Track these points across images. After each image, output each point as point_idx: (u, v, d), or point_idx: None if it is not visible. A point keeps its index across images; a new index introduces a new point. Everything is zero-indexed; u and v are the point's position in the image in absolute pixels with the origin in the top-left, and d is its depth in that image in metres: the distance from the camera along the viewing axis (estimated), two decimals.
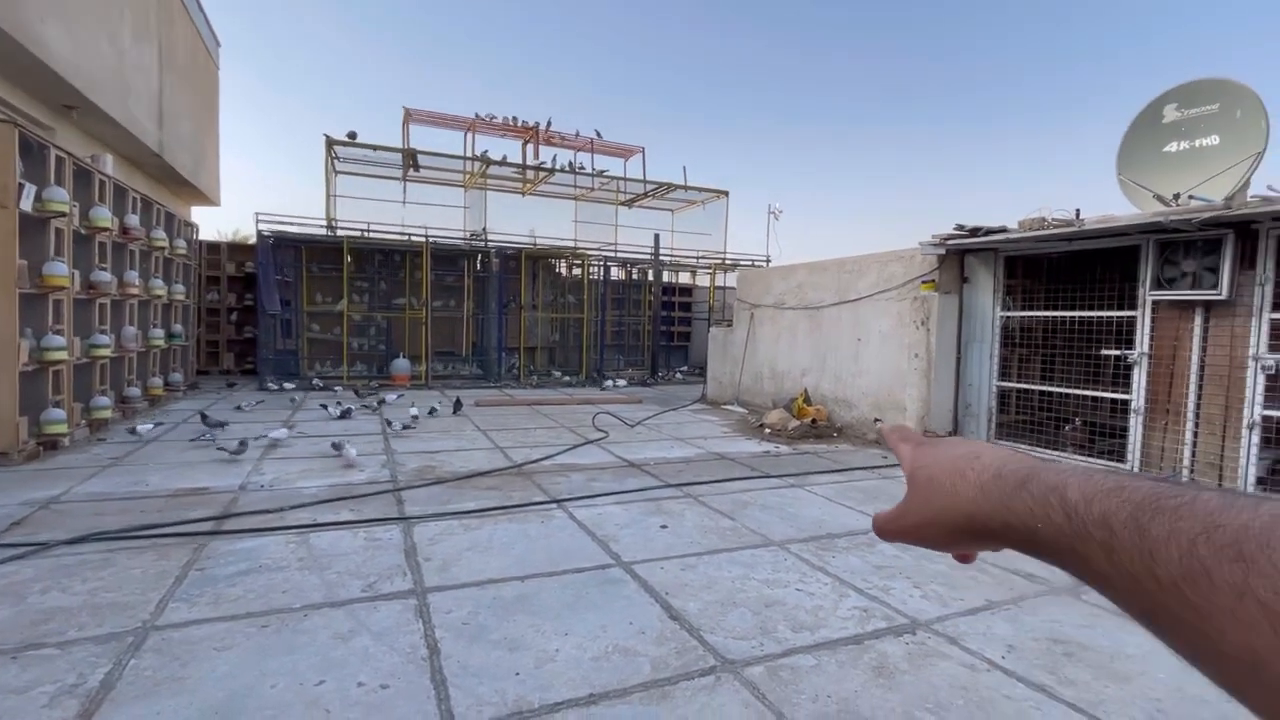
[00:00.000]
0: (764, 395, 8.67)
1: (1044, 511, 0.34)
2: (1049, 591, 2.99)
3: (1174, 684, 2.24)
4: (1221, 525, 0.27)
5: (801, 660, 2.32)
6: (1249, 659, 0.25)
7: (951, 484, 0.41)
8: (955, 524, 0.40)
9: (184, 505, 3.90)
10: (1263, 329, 4.39)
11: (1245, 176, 4.76)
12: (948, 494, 0.41)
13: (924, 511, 0.42)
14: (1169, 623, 0.28)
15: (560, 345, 14.21)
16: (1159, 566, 0.28)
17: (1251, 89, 4.83)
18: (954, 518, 0.40)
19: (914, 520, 0.43)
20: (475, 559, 3.16)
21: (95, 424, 6.03)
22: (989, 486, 0.38)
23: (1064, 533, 0.33)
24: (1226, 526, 0.27)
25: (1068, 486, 0.34)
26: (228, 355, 12.04)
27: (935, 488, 0.42)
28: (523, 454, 5.62)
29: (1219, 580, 0.26)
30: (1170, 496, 0.29)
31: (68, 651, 2.22)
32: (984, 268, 6.26)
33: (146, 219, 7.61)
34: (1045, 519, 0.34)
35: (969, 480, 0.40)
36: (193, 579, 2.84)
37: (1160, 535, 0.28)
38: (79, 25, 6.69)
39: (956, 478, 0.41)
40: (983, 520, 0.38)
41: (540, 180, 14.08)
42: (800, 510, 4.19)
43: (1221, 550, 0.26)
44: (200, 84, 11.58)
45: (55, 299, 5.39)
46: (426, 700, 2.01)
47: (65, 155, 5.58)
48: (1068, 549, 0.33)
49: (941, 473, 0.42)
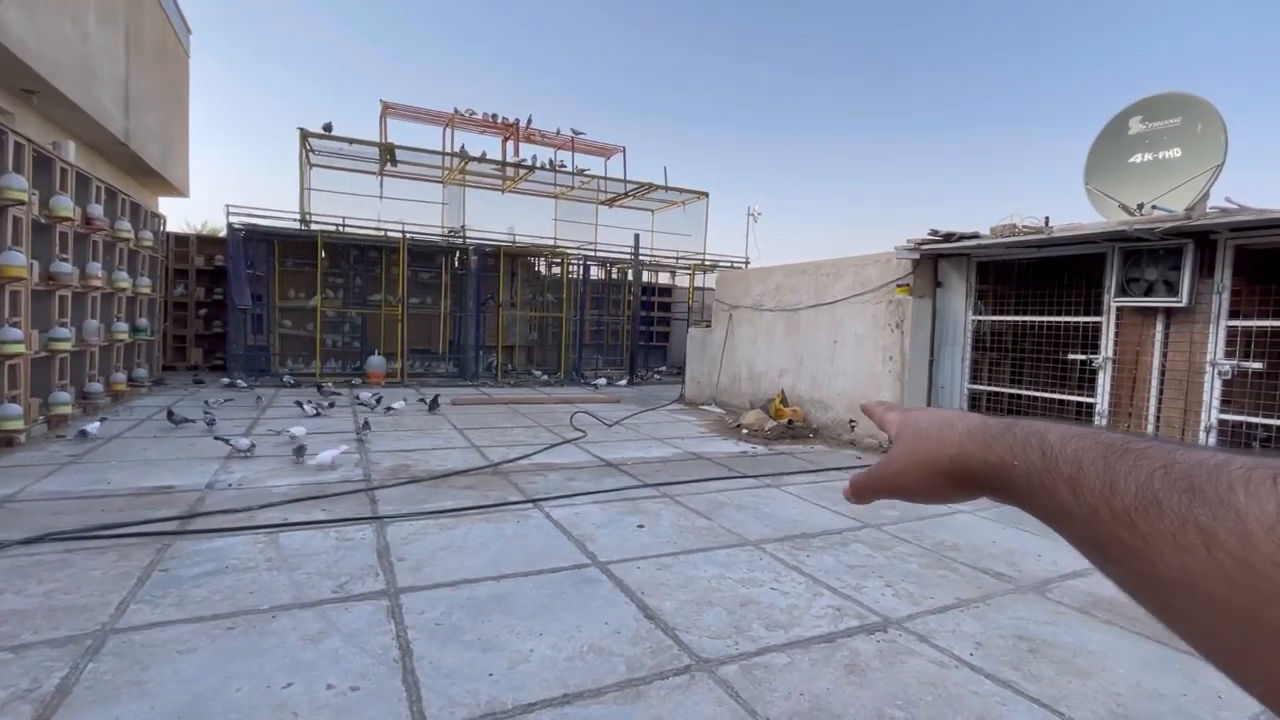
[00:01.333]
0: (741, 396, 8.73)
1: (1023, 451, 0.37)
2: (1015, 590, 3.06)
3: (1133, 679, 2.31)
4: (1179, 462, 0.29)
5: (775, 659, 2.34)
6: (1183, 579, 0.26)
7: (939, 433, 0.45)
8: (936, 467, 0.44)
9: (147, 504, 3.79)
10: (1220, 335, 4.55)
11: (1205, 188, 4.93)
12: (935, 441, 0.45)
13: (907, 459, 0.46)
14: (1116, 552, 0.30)
15: (539, 344, 14.14)
16: (1116, 498, 0.30)
17: (1212, 104, 5.00)
18: (937, 461, 0.44)
19: (897, 467, 0.47)
20: (450, 559, 3.13)
21: (54, 420, 5.83)
22: (975, 431, 0.42)
23: (1036, 469, 0.35)
24: (1183, 463, 0.28)
25: (1049, 430, 0.37)
26: (196, 350, 11.74)
27: (922, 438, 0.46)
28: (499, 453, 5.57)
29: (1167, 508, 0.27)
30: (1139, 441, 0.32)
31: (21, 655, 2.14)
32: (957, 272, 6.38)
33: (111, 209, 7.38)
34: (1023, 458, 0.37)
35: (956, 429, 0.44)
36: (156, 580, 2.76)
37: (1123, 470, 0.30)
38: (40, 6, 6.45)
39: (945, 428, 0.45)
40: (964, 462, 0.42)
41: (520, 178, 13.99)
42: (776, 510, 4.23)
43: (1174, 482, 0.28)
44: (170, 71, 11.25)
45: (12, 290, 5.20)
46: (398, 702, 1.98)
47: (24, 141, 5.38)
48: (1038, 484, 0.35)
49: (929, 425, 0.46)
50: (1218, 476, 0.26)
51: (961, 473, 0.42)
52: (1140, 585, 0.29)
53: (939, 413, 0.47)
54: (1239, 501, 0.25)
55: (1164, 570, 0.27)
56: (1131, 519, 0.29)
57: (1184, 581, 0.26)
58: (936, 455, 0.44)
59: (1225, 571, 0.25)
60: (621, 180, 14.44)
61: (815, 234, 55.89)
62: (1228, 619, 0.25)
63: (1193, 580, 0.26)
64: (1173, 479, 0.28)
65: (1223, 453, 0.28)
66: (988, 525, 4.09)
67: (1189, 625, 0.27)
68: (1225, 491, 0.26)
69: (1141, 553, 0.28)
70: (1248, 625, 0.24)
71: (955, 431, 0.43)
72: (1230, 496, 0.25)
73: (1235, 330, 4.52)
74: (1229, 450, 0.28)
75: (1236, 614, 0.24)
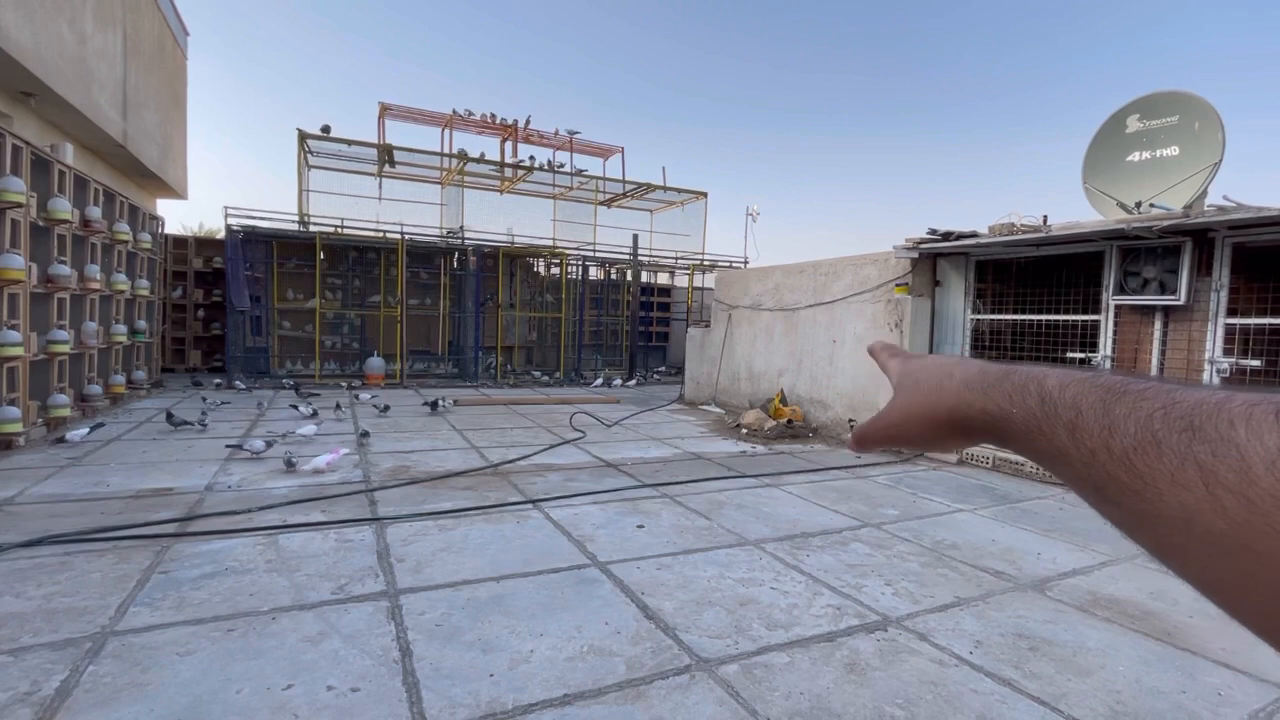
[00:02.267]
0: (741, 396, 8.74)
1: (1021, 397, 0.37)
2: (1015, 588, 3.07)
3: (1132, 676, 2.31)
4: (1179, 402, 0.28)
5: (775, 658, 2.34)
6: (1181, 516, 0.26)
7: (938, 382, 0.44)
8: (936, 417, 0.44)
9: (147, 507, 3.78)
10: (1218, 333, 4.56)
11: (1203, 186, 4.94)
12: (934, 390, 0.44)
13: (908, 407, 0.46)
14: (1114, 492, 0.30)
15: (538, 345, 14.13)
16: (1115, 439, 0.30)
17: (1209, 102, 5.01)
18: (936, 412, 0.44)
19: (897, 416, 0.47)
20: (449, 560, 3.13)
21: (53, 423, 5.83)
22: (973, 380, 0.42)
23: (1035, 416, 0.35)
24: (1183, 403, 0.28)
25: (1047, 376, 0.37)
26: (194, 352, 11.73)
27: (921, 387, 0.46)
28: (499, 454, 5.57)
29: (1166, 448, 0.27)
30: (1138, 382, 0.31)
31: (21, 658, 2.14)
32: (956, 271, 6.39)
33: (109, 211, 7.37)
34: (1021, 404, 0.37)
35: (955, 378, 0.43)
36: (155, 582, 2.75)
37: (1122, 413, 0.30)
38: (38, 8, 6.45)
39: (943, 376, 0.44)
40: (963, 411, 0.42)
41: (519, 178, 13.99)
42: (775, 510, 4.23)
43: (1174, 422, 0.28)
44: (167, 73, 11.24)
45: (10, 292, 5.20)
46: (398, 703, 1.98)
47: (22, 144, 5.38)
48: (1036, 430, 0.35)
49: (928, 374, 0.46)
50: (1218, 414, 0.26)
51: (961, 423, 0.42)
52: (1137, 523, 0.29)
53: (938, 360, 0.47)
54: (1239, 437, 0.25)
55: (1162, 508, 0.27)
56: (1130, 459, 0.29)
57: (1181, 518, 0.26)
58: (935, 405, 0.44)
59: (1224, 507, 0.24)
60: (620, 180, 14.44)
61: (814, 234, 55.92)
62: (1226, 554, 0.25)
63: (1190, 516, 0.26)
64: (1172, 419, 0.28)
65: (1223, 390, 0.28)
66: (987, 524, 4.09)
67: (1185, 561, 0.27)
68: (1225, 428, 0.25)
69: (1139, 492, 0.28)
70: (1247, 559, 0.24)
71: (953, 380, 0.43)
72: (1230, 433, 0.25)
73: (1233, 328, 4.53)
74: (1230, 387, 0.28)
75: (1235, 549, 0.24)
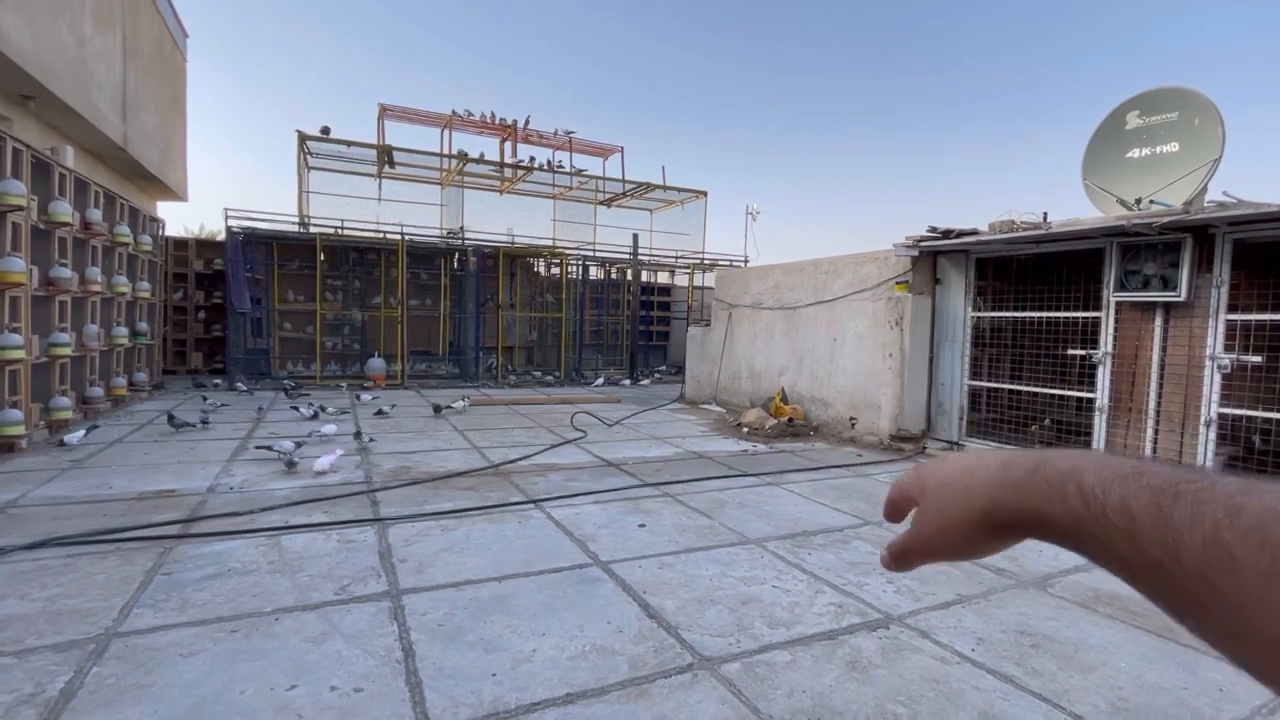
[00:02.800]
0: (742, 394, 8.74)
1: (1060, 497, 0.34)
2: (1017, 585, 3.07)
3: (1134, 673, 2.31)
4: (1244, 508, 0.26)
5: (777, 656, 2.34)
6: (1278, 639, 0.25)
7: (963, 483, 0.41)
8: (971, 521, 0.41)
9: (149, 508, 3.79)
10: (1219, 329, 4.56)
11: (1203, 182, 4.93)
12: (961, 493, 0.41)
13: (940, 517, 0.43)
14: (1196, 611, 0.28)
15: (539, 345, 14.14)
16: (1184, 553, 0.27)
17: (1208, 98, 5.00)
18: (970, 514, 0.40)
19: (934, 526, 0.43)
20: (451, 560, 3.13)
21: (55, 425, 5.84)
22: (1000, 477, 0.39)
23: (1082, 519, 0.33)
24: (1249, 509, 0.26)
25: (1084, 471, 0.33)
26: (196, 354, 11.74)
27: (947, 491, 0.42)
28: (500, 454, 5.58)
29: (1246, 565, 0.25)
30: (1189, 481, 0.29)
31: (25, 660, 2.14)
32: (956, 269, 6.38)
33: (110, 214, 7.38)
34: (1063, 506, 0.34)
35: (979, 476, 0.40)
36: (158, 584, 2.76)
37: (1183, 520, 0.28)
38: (37, 11, 6.45)
39: (967, 477, 0.41)
40: (998, 512, 0.39)
41: (518, 178, 13.99)
42: (777, 508, 4.23)
43: (1246, 535, 0.26)
44: (167, 75, 11.25)
45: (11, 296, 5.20)
46: (401, 703, 1.98)
47: (22, 147, 5.38)
48: (1088, 536, 0.32)
49: (951, 477, 0.43)
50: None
51: (999, 523, 0.39)
52: (1227, 643, 0.27)
53: (956, 462, 0.43)
54: None
55: (1253, 633, 0.25)
56: (1205, 575, 0.26)
57: (1278, 642, 0.24)
58: (968, 508, 0.41)
59: None
60: (620, 180, 14.44)
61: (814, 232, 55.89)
62: None
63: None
64: (1242, 531, 0.25)
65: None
66: None
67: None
68: None
69: (1224, 612, 0.26)
70: None
71: (979, 481, 0.40)
72: None
73: (1234, 324, 4.52)
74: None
75: None
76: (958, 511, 0.41)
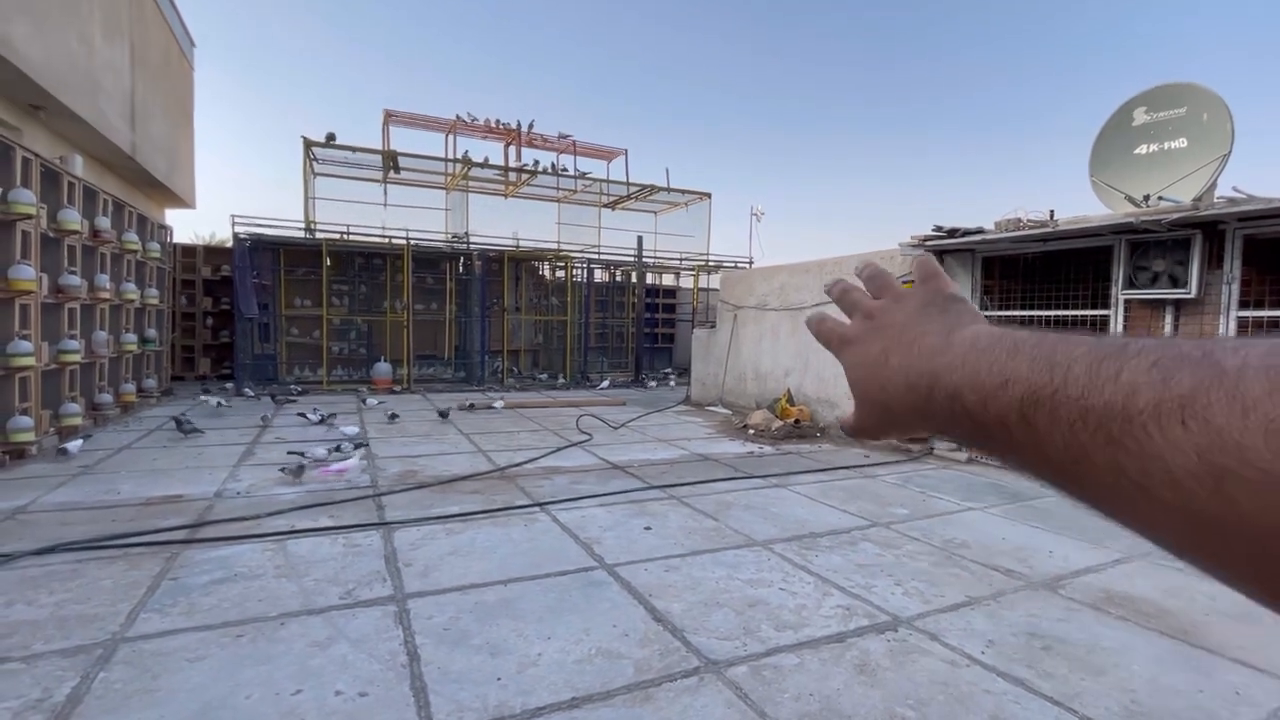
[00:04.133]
0: (747, 396, 8.71)
1: (952, 420, 0.35)
2: (1027, 587, 3.03)
3: (1148, 676, 2.28)
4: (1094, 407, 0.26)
5: (784, 659, 2.32)
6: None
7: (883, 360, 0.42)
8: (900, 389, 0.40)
9: (157, 514, 3.81)
10: (1230, 326, 4.50)
11: (1212, 178, 4.88)
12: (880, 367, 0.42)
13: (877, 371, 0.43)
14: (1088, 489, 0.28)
15: (544, 348, 14.15)
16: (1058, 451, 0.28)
17: (1216, 93, 4.96)
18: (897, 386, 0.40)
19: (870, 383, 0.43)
20: (457, 564, 3.13)
21: (65, 432, 5.88)
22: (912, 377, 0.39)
23: (978, 429, 0.33)
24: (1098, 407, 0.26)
25: (961, 391, 0.34)
26: (204, 360, 11.82)
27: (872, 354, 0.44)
28: (506, 457, 5.58)
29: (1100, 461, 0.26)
30: (1045, 386, 0.29)
31: (33, 665, 2.15)
32: (962, 268, 6.34)
33: (118, 221, 7.44)
34: (958, 426, 0.35)
35: (894, 365, 0.41)
36: (165, 589, 2.77)
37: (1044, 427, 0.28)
38: (47, 22, 6.53)
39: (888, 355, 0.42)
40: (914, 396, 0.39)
41: (523, 182, 14.03)
42: (783, 510, 4.21)
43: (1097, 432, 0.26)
44: (174, 84, 11.36)
45: (22, 303, 5.25)
46: (406, 707, 1.98)
47: (32, 156, 5.44)
48: (984, 437, 0.33)
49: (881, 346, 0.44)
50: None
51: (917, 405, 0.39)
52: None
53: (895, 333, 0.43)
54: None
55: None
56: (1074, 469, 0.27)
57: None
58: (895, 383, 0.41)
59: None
60: (624, 183, 14.46)
61: (819, 233, 55.79)
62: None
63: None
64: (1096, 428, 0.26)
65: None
66: (998, 522, 4.05)
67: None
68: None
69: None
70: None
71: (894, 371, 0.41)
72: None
73: (1245, 320, 4.47)
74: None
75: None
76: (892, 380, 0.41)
